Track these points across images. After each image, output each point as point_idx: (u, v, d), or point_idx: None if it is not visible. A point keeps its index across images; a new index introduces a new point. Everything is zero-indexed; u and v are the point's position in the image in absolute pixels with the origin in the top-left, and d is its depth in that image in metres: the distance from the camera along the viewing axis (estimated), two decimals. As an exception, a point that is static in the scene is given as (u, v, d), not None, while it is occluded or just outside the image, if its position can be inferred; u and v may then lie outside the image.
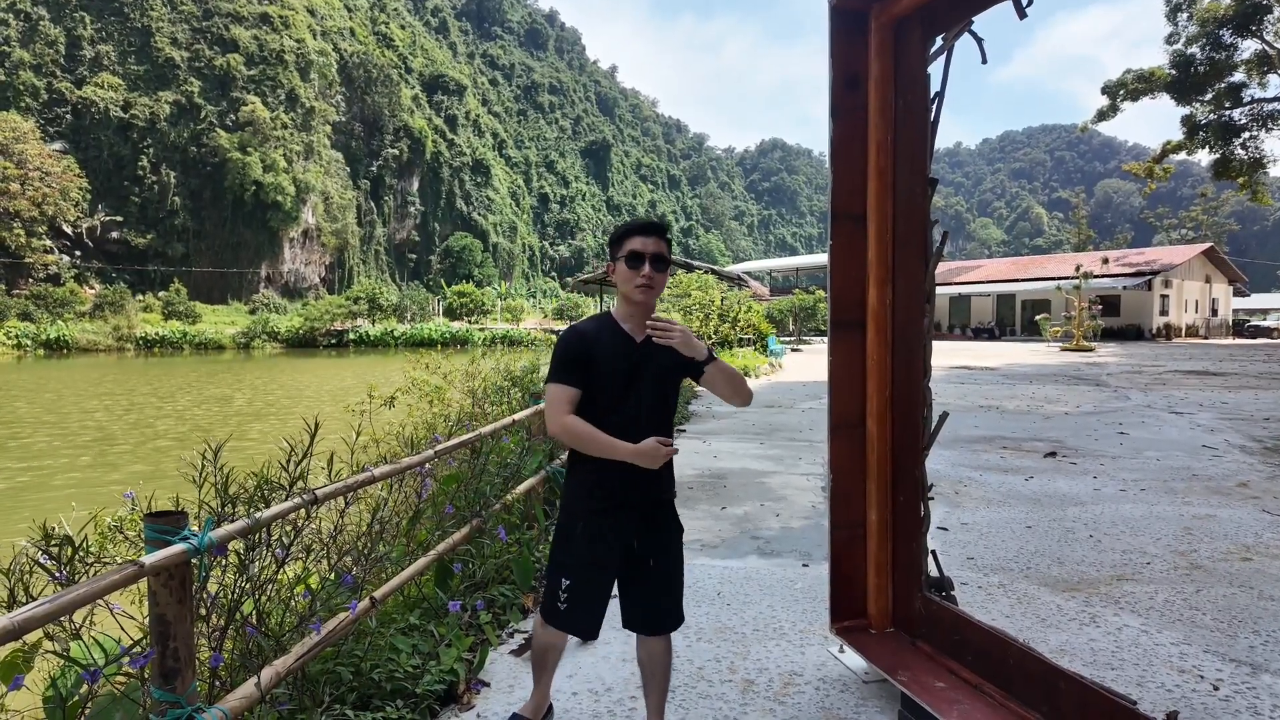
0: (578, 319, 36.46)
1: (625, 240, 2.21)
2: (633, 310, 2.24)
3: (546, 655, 2.47)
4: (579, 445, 2.15)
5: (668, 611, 2.35)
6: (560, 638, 2.43)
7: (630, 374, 2.20)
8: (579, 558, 2.27)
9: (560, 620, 2.31)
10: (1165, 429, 9.50)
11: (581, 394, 2.16)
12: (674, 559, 2.35)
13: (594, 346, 2.18)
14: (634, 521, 2.27)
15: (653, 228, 2.23)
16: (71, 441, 13.05)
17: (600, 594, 2.30)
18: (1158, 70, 29.97)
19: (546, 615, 2.34)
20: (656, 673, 2.38)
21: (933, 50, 2.79)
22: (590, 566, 2.27)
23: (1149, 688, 2.91)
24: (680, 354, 2.24)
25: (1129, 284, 37.80)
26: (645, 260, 2.18)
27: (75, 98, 70.27)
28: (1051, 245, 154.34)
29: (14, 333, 44.32)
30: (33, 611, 1.44)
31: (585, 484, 2.26)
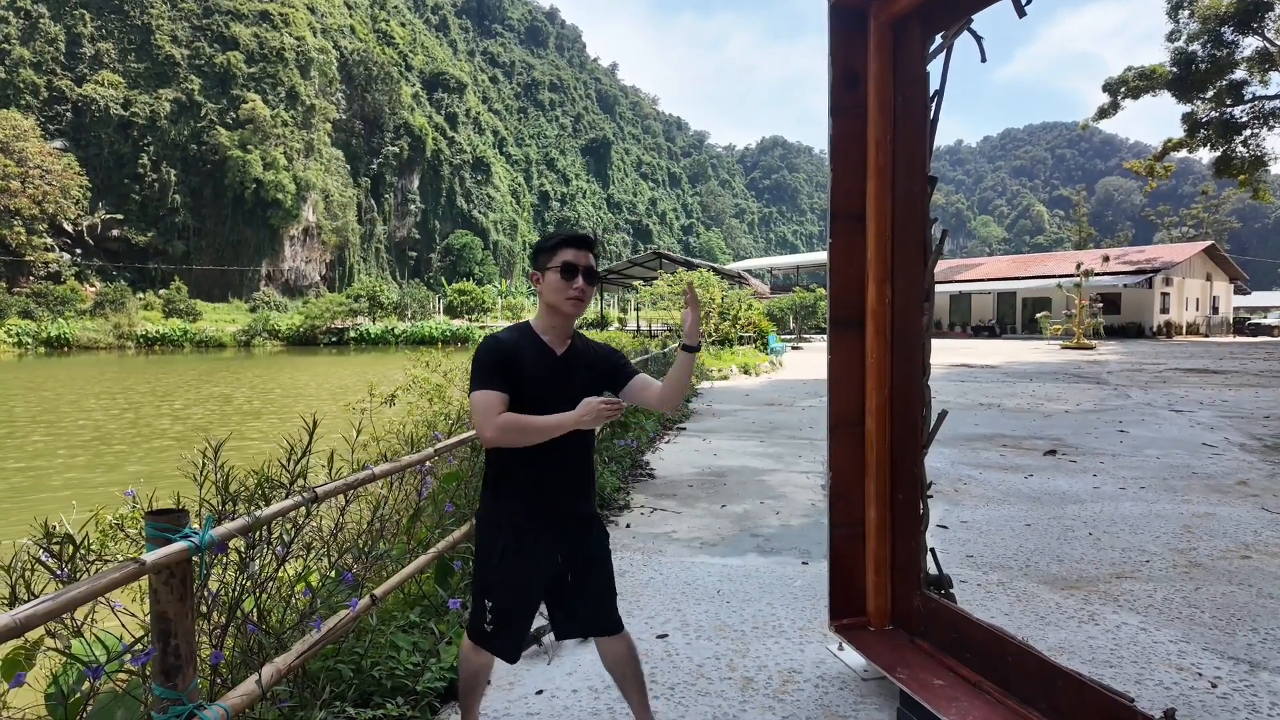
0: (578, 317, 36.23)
1: (558, 251, 2.15)
2: (556, 322, 2.19)
3: (477, 678, 2.35)
4: (521, 438, 2.04)
5: (604, 616, 2.29)
6: (490, 659, 2.34)
7: (551, 385, 2.13)
8: (503, 577, 2.18)
9: (488, 642, 2.24)
10: (1165, 427, 9.50)
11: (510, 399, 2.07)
12: (604, 572, 2.30)
13: (516, 355, 2.11)
14: (558, 537, 2.20)
15: (585, 241, 2.18)
16: (68, 441, 13.07)
17: (525, 614, 2.24)
18: (1159, 68, 29.93)
19: (475, 637, 2.25)
20: (628, 673, 2.32)
21: (932, 48, 2.79)
22: (514, 585, 2.19)
23: (1147, 685, 2.92)
24: (601, 367, 2.25)
25: (1130, 282, 37.78)
26: (579, 273, 2.13)
27: (76, 95, 70.26)
28: (1052, 243, 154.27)
29: (15, 330, 44.37)
30: (35, 609, 1.44)
31: (504, 499, 2.19)
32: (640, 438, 8.20)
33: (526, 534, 2.17)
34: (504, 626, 2.22)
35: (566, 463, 2.19)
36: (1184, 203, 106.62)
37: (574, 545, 2.24)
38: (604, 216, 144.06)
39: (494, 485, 2.21)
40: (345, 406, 6.39)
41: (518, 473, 2.16)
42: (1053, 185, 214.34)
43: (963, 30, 2.68)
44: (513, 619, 2.22)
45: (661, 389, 2.25)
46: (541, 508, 2.18)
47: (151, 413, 16.73)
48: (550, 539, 2.20)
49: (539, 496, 2.17)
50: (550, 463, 2.15)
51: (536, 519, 2.18)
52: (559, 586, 2.25)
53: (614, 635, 2.30)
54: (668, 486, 6.54)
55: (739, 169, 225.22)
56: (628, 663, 2.32)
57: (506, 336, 2.17)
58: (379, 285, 64.47)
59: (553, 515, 2.19)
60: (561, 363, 2.18)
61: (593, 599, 2.28)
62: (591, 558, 2.28)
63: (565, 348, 2.21)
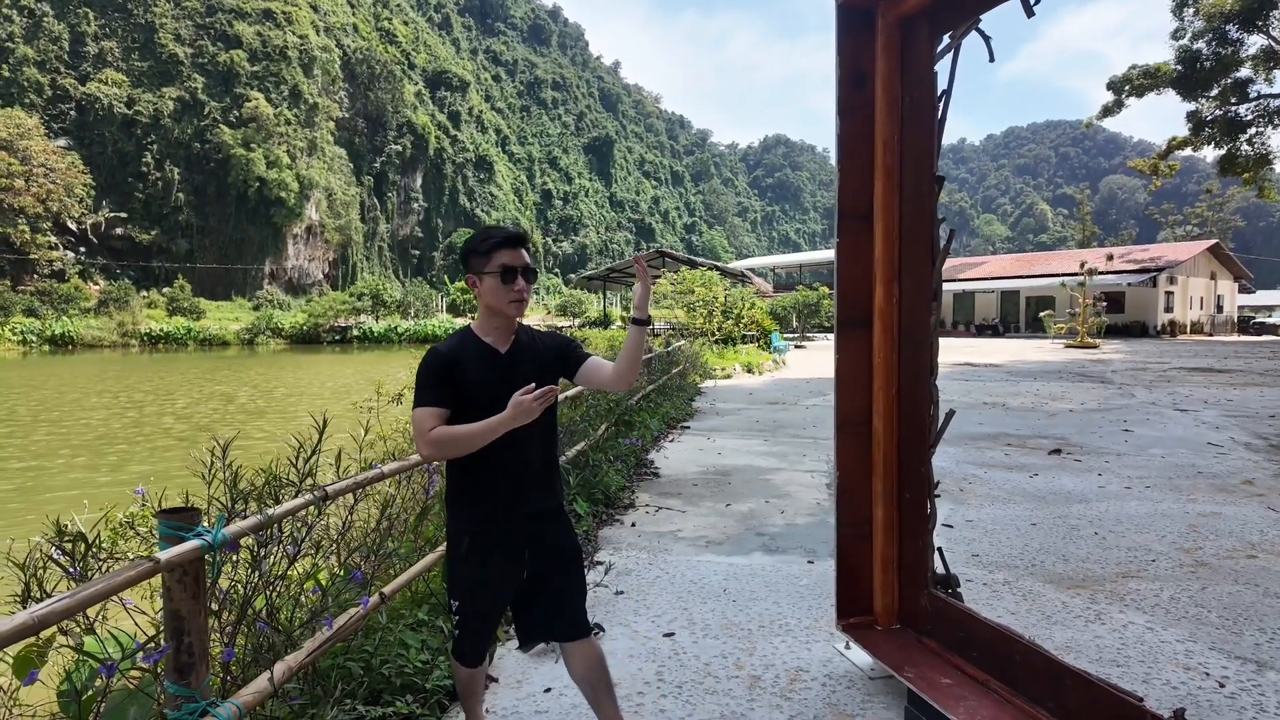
0: (581, 315, 36.36)
1: (494, 254, 2.10)
2: (498, 323, 2.16)
3: (468, 686, 2.35)
4: (455, 449, 2.01)
5: (573, 619, 2.22)
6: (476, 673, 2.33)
7: (498, 385, 2.08)
8: (467, 580, 2.16)
9: (454, 648, 2.25)
10: (1170, 426, 9.49)
11: (451, 414, 2.04)
12: (570, 571, 2.23)
13: (457, 364, 2.08)
14: (521, 536, 2.16)
15: (519, 239, 2.14)
16: (71, 440, 13.10)
17: (489, 619, 2.22)
18: (1163, 66, 29.86)
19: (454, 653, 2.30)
20: (598, 683, 2.22)
21: (940, 48, 2.79)
22: (477, 587, 2.16)
23: (1155, 685, 2.92)
24: (547, 357, 2.21)
25: (1133, 281, 37.68)
26: (518, 274, 2.11)
27: (79, 94, 70.36)
28: (1056, 242, 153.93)
29: (19, 329, 44.46)
30: (52, 607, 1.45)
31: (465, 500, 2.15)
32: (645, 436, 8.21)
33: (488, 536, 2.14)
34: (467, 630, 2.20)
35: (525, 460, 2.15)
36: (1188, 201, 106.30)
37: (537, 543, 2.18)
38: (606, 215, 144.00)
39: (455, 489, 2.18)
40: (352, 405, 6.41)
41: (476, 474, 2.12)
42: (1056, 184, 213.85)
43: (971, 30, 2.68)
44: (474, 623, 2.20)
45: (615, 367, 2.21)
46: (501, 507, 2.13)
47: (156, 412, 16.77)
48: (513, 539, 2.15)
49: (498, 496, 2.13)
50: (507, 461, 2.12)
51: (498, 520, 2.14)
52: (527, 590, 2.21)
53: (580, 640, 2.21)
54: (672, 485, 6.54)
55: (742, 167, 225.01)
56: (597, 672, 2.23)
57: (446, 347, 2.13)
58: (382, 284, 64.51)
59: (513, 515, 2.15)
60: (507, 360, 2.15)
61: (557, 600, 2.21)
62: (556, 556, 2.21)
63: (509, 345, 2.18)
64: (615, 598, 3.90)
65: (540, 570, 2.20)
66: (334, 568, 2.85)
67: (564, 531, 2.25)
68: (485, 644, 2.26)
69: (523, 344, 2.21)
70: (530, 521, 2.17)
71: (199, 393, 20.71)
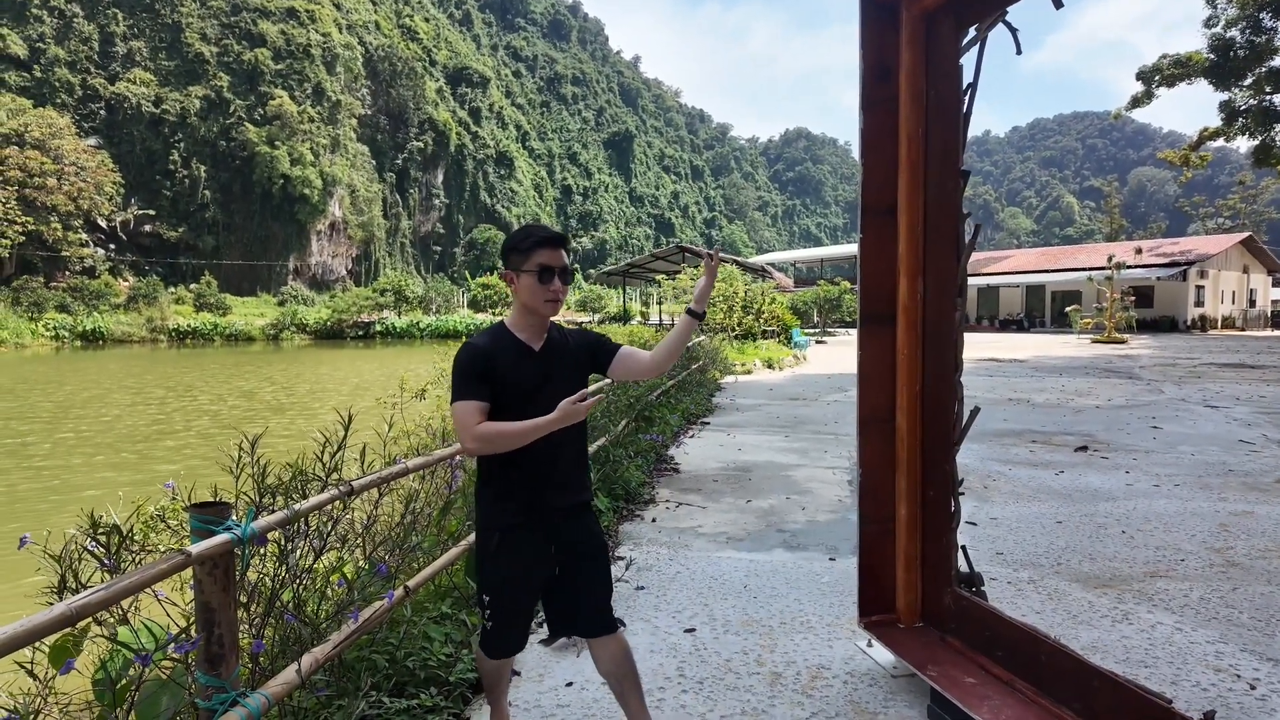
0: (601, 311, 36.45)
1: (534, 253, 2.12)
2: (533, 320, 2.19)
3: (493, 678, 2.38)
4: (503, 445, 2.04)
5: (596, 614, 2.23)
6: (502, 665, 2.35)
7: (533, 382, 2.13)
8: (497, 573, 2.18)
9: (482, 640, 2.27)
10: (1200, 423, 9.31)
11: (490, 407, 2.07)
12: (597, 566, 2.25)
13: (494, 360, 2.10)
14: (550, 531, 2.18)
15: (559, 240, 2.16)
16: (92, 438, 13.36)
17: (520, 612, 2.24)
18: (1195, 54, 29.20)
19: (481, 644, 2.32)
20: (625, 678, 2.25)
21: (965, 41, 2.75)
22: (508, 582, 2.18)
23: (1183, 686, 2.88)
24: (581, 355, 2.25)
25: (1163, 274, 36.99)
26: (555, 275, 2.14)
27: (109, 93, 71.55)
28: (1083, 235, 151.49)
29: (52, 324, 45.41)
30: (90, 598, 1.49)
31: (497, 495, 2.17)
32: (665, 432, 8.21)
33: (519, 529, 2.16)
34: (497, 624, 2.22)
35: (557, 458, 2.17)
36: (1220, 193, 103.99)
37: (565, 537, 2.21)
38: (626, 210, 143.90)
39: (486, 483, 2.21)
40: (377, 401, 6.48)
41: (509, 469, 2.14)
42: (1083, 176, 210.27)
43: (997, 22, 2.64)
44: (504, 618, 2.22)
45: (655, 352, 2.28)
46: (533, 503, 2.16)
47: (182, 407, 17.06)
48: (543, 534, 2.18)
49: (530, 491, 2.15)
50: (541, 459, 2.14)
51: (529, 514, 2.16)
52: (552, 581, 2.23)
53: (607, 635, 2.23)
54: (692, 481, 6.54)
55: (762, 161, 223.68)
56: (624, 666, 2.25)
57: (482, 341, 2.14)
58: (404, 279, 65.03)
59: (544, 510, 2.17)
60: (541, 358, 2.18)
61: (584, 594, 2.23)
62: (583, 550, 2.23)
63: (543, 342, 2.20)
64: (636, 593, 3.91)
65: (568, 565, 2.22)
66: (359, 561, 2.89)
67: (592, 527, 2.28)
68: (515, 638, 2.27)
69: (555, 341, 2.23)
70: (561, 517, 2.20)
71: (225, 388, 21.03)
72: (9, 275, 54.84)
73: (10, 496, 8.75)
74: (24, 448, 11.80)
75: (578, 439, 2.25)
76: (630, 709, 2.26)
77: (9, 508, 8.29)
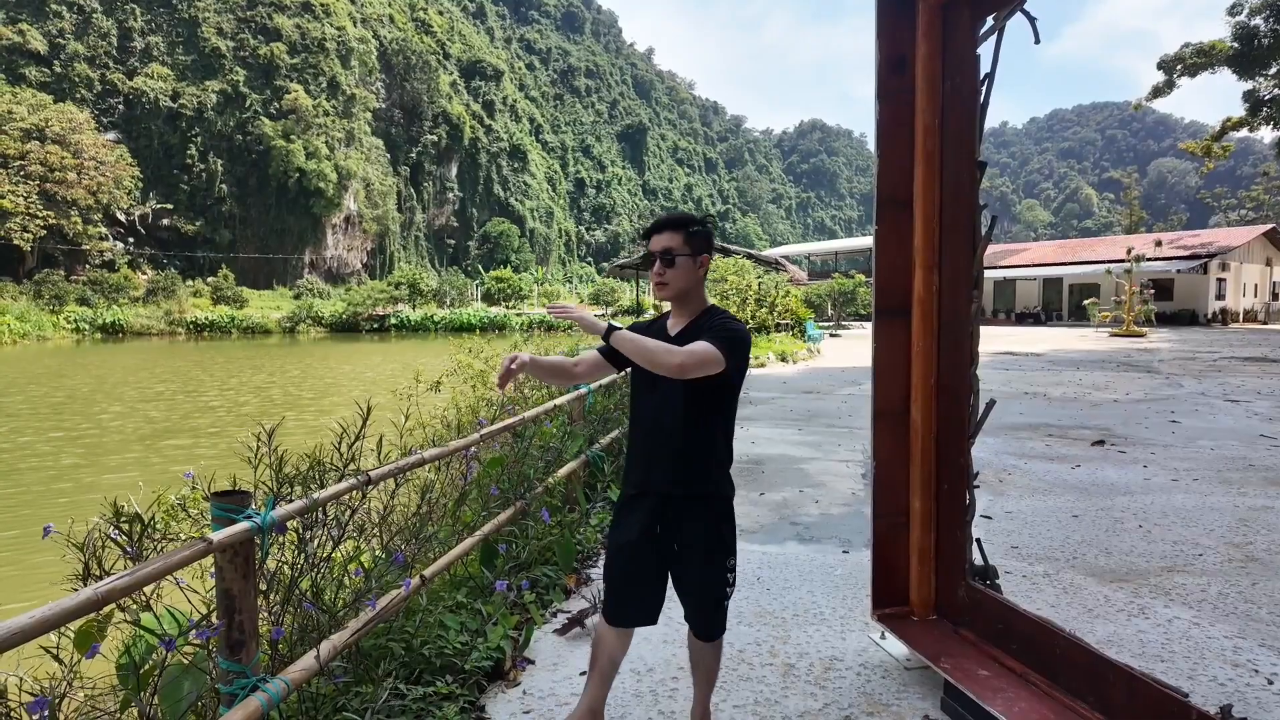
0: (613, 304, 36.54)
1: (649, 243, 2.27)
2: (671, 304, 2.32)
3: (594, 649, 2.34)
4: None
5: (695, 616, 2.26)
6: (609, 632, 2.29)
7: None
8: (610, 541, 2.34)
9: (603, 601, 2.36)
10: (1220, 417, 9.21)
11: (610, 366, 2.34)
12: (698, 571, 2.21)
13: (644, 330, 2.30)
14: (649, 511, 2.21)
15: (655, 226, 2.26)
16: (109, 428, 13.54)
17: (623, 579, 2.25)
18: (1218, 43, 28.74)
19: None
20: (695, 670, 2.39)
21: (983, 30, 2.73)
22: (616, 550, 2.29)
23: (1200, 681, 2.86)
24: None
25: (1183, 267, 36.49)
26: (655, 259, 2.25)
27: (127, 88, 72.22)
28: (1101, 228, 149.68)
29: (73, 317, 46.02)
30: (115, 584, 1.52)
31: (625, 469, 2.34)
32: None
33: (625, 502, 2.30)
34: (609, 589, 2.32)
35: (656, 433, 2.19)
36: (1243, 184, 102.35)
37: (667, 527, 2.20)
38: (639, 203, 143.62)
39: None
40: (392, 393, 6.53)
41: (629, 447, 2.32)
42: (1102, 168, 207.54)
43: (1015, 11, 2.62)
44: (612, 582, 2.30)
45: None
46: (635, 479, 2.26)
47: (204, 400, 17.25)
48: (643, 513, 2.22)
49: (633, 468, 2.27)
50: (641, 437, 2.25)
51: (633, 489, 2.27)
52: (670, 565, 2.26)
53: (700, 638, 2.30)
54: (706, 473, 6.54)
55: (776, 153, 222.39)
56: (697, 661, 2.36)
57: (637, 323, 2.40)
58: (419, 273, 65.30)
59: (644, 488, 2.23)
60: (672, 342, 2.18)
61: (689, 593, 2.25)
62: (687, 548, 2.21)
63: (683, 327, 2.24)
64: (649, 584, 3.92)
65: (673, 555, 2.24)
66: (376, 550, 2.92)
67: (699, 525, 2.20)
68: (626, 602, 2.26)
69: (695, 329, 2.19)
70: (659, 501, 2.21)
71: (245, 380, 21.24)
72: (31, 269, 55.62)
73: (25, 489, 8.90)
74: (37, 443, 11.98)
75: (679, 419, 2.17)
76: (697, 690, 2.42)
77: (24, 498, 8.43)
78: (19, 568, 6.09)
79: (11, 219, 53.30)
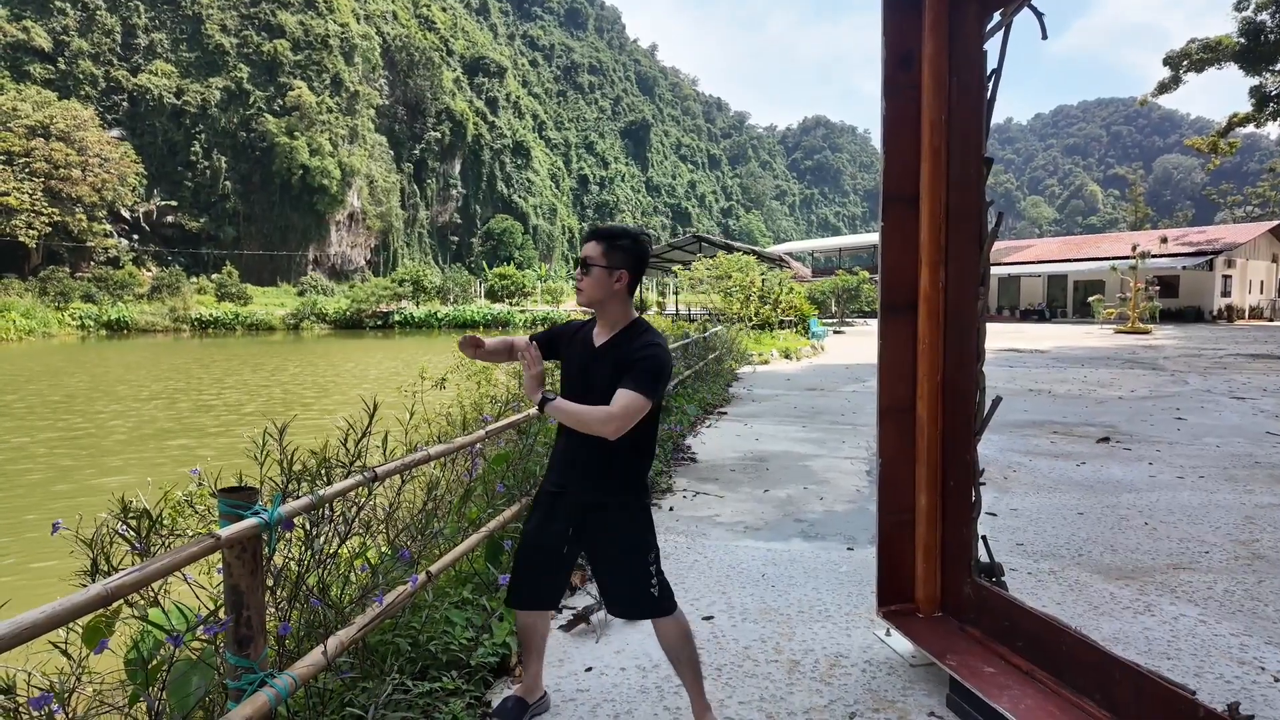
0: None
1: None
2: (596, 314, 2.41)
3: (524, 635, 2.55)
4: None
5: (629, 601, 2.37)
6: (530, 616, 2.51)
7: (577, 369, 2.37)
8: (524, 529, 2.51)
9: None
10: (1226, 414, 9.18)
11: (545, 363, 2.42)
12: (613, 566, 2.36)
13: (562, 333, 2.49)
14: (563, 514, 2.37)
15: (589, 235, 2.34)
16: (125, 423, 13.58)
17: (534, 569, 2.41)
18: (1225, 38, 28.60)
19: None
20: (680, 656, 2.42)
21: (990, 26, 2.72)
22: (529, 538, 2.44)
23: (1207, 678, 2.85)
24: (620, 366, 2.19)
25: (1189, 264, 36.36)
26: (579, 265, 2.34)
27: (131, 85, 72.34)
28: (1106, 224, 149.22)
29: (78, 314, 46.16)
30: (124, 579, 1.53)
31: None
32: (682, 422, 8.22)
33: (544, 495, 2.45)
34: (515, 573, 2.47)
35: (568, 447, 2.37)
36: (1249, 181, 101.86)
37: (580, 527, 2.37)
38: (643, 200, 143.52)
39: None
40: (397, 389, 6.54)
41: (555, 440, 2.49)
42: (1107, 164, 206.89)
43: (1023, 6, 2.61)
44: (521, 568, 2.45)
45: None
46: (554, 479, 2.42)
47: (207, 401, 17.30)
48: (562, 511, 2.38)
49: (555, 468, 2.43)
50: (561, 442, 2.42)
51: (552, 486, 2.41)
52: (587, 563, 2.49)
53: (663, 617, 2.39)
54: (710, 470, 6.55)
55: (780, 150, 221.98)
56: (675, 647, 2.41)
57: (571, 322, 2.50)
58: (422, 270, 65.40)
59: (560, 490, 2.38)
60: (596, 352, 2.33)
61: (610, 586, 2.41)
62: (599, 548, 2.39)
63: (607, 339, 2.32)
64: (654, 581, 3.93)
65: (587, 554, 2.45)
66: (382, 547, 2.93)
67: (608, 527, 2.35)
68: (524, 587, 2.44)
69: (617, 345, 2.28)
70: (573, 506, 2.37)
71: (251, 378, 21.29)
72: (36, 266, 55.78)
73: (28, 485, 8.94)
74: (36, 443, 12.02)
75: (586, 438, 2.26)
76: (683, 680, 2.47)
77: (27, 496, 8.46)
78: (23, 568, 6.11)
79: (17, 216, 53.46)
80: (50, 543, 5.57)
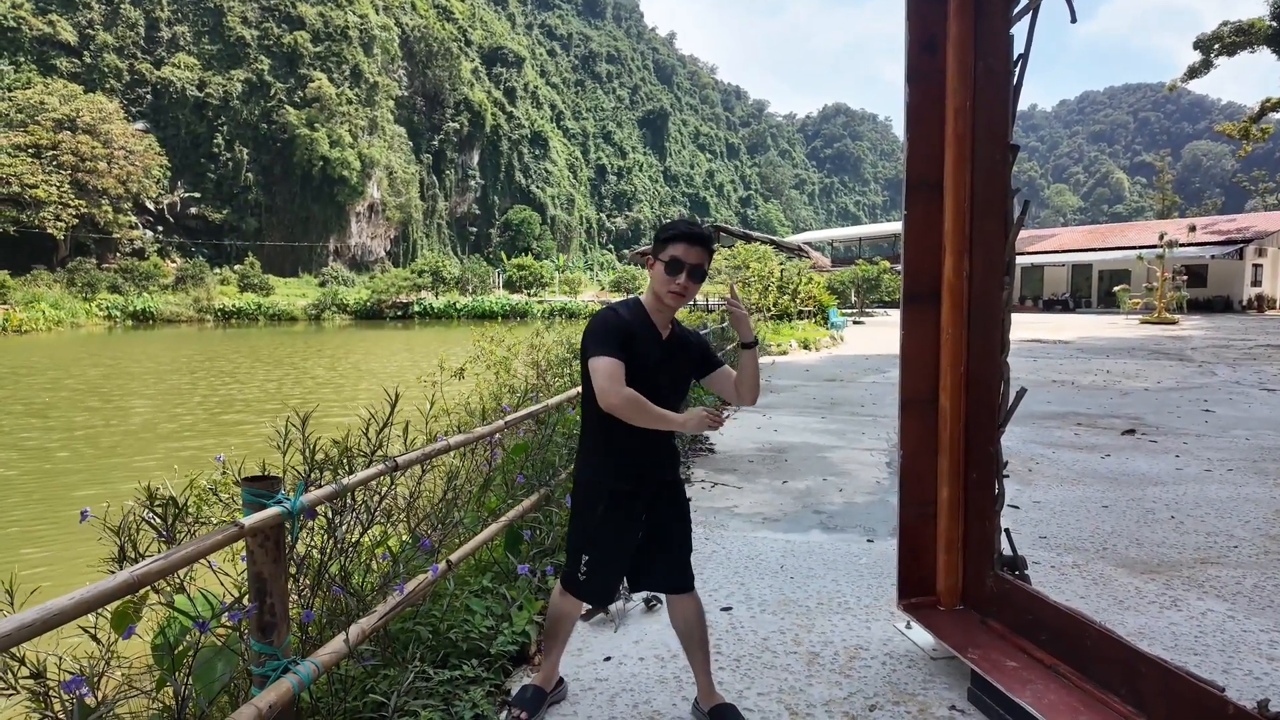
0: (635, 291, 36.55)
1: (670, 244, 2.24)
2: (660, 308, 2.33)
3: (559, 624, 2.55)
4: (634, 416, 2.15)
5: (685, 571, 2.48)
6: (576, 606, 2.53)
7: (658, 367, 2.29)
8: (601, 534, 2.38)
9: (578, 588, 2.45)
10: (1255, 406, 9.00)
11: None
12: (684, 529, 2.50)
13: (633, 333, 2.24)
14: (647, 500, 2.40)
15: (698, 238, 2.25)
16: (135, 416, 13.80)
17: (618, 566, 2.45)
18: (1258, 22, 27.89)
19: (567, 584, 2.48)
20: (695, 633, 2.47)
21: (1016, 10, 2.66)
22: (612, 541, 2.39)
23: (1235, 675, 2.81)
24: (695, 355, 2.43)
25: (1217, 253, 35.63)
26: (684, 270, 2.22)
27: (155, 78, 73.09)
28: (1132, 212, 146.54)
29: (105, 305, 46.92)
30: (150, 566, 1.55)
31: (609, 465, 2.36)
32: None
33: (622, 496, 2.36)
34: (597, 577, 2.43)
35: (657, 436, 2.36)
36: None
37: (664, 503, 2.43)
38: (661, 189, 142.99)
39: (594, 448, 2.40)
40: (418, 379, 6.59)
41: (619, 441, 2.32)
42: (1134, 151, 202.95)
43: (1051, -11, 2.54)
44: (606, 570, 2.43)
45: (737, 386, 2.42)
46: (634, 474, 2.36)
47: (233, 387, 17.53)
48: (641, 502, 2.38)
49: (634, 464, 2.36)
50: (644, 435, 2.32)
51: (630, 483, 2.36)
52: (651, 542, 2.44)
53: (685, 594, 2.47)
54: (728, 461, 6.54)
55: (799, 138, 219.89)
56: (695, 623, 2.47)
57: (624, 312, 2.30)
58: (441, 260, 65.67)
59: (643, 481, 2.37)
60: (666, 346, 2.34)
61: (672, 553, 2.45)
62: (673, 516, 2.46)
63: (669, 332, 2.37)
64: (673, 571, 3.93)
65: (657, 527, 2.44)
66: (403, 536, 2.95)
67: (680, 496, 2.50)
68: (615, 585, 2.51)
69: (677, 335, 2.41)
70: (655, 488, 2.41)
71: (269, 371, 21.55)
72: (64, 257, 56.71)
73: (52, 474, 9.12)
74: (60, 430, 12.25)
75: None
76: (694, 663, 2.51)
77: (50, 484, 8.63)
78: (57, 558, 6.24)
79: (45, 208, 54.31)
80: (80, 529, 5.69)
